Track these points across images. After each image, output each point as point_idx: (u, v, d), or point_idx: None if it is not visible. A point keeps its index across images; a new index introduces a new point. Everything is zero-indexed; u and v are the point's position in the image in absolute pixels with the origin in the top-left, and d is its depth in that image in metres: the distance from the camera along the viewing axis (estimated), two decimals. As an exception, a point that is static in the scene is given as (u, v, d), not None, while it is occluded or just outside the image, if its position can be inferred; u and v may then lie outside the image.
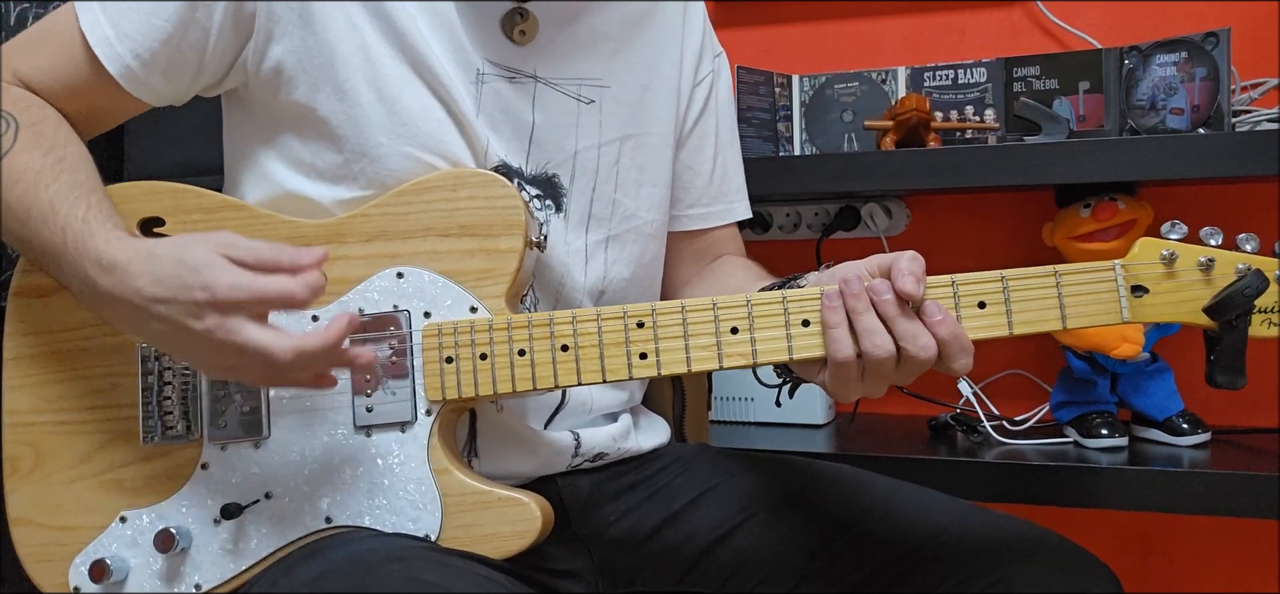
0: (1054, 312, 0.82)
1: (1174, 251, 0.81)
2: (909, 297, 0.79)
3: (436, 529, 0.86)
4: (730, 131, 1.16)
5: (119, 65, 0.90)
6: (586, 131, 1.00)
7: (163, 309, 0.79)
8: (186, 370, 0.91)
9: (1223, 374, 0.82)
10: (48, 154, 0.87)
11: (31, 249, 0.87)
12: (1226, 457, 1.32)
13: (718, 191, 1.14)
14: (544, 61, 0.97)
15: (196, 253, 0.79)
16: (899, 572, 0.91)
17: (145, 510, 0.90)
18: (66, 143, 0.89)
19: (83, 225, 0.83)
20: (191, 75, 0.93)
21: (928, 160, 1.30)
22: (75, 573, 0.90)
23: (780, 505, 0.99)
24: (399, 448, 0.88)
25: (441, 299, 0.89)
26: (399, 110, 0.91)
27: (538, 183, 0.97)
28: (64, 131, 0.90)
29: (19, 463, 0.93)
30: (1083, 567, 0.90)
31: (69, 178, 0.86)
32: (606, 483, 1.02)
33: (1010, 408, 1.52)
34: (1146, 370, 1.40)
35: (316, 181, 0.93)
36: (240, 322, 0.78)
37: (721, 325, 0.84)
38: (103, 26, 0.90)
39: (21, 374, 0.93)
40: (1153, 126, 1.37)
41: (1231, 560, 1.57)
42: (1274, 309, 0.81)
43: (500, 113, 0.95)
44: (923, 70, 1.52)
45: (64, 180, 0.86)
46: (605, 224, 1.01)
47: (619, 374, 0.85)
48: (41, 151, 0.87)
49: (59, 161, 0.87)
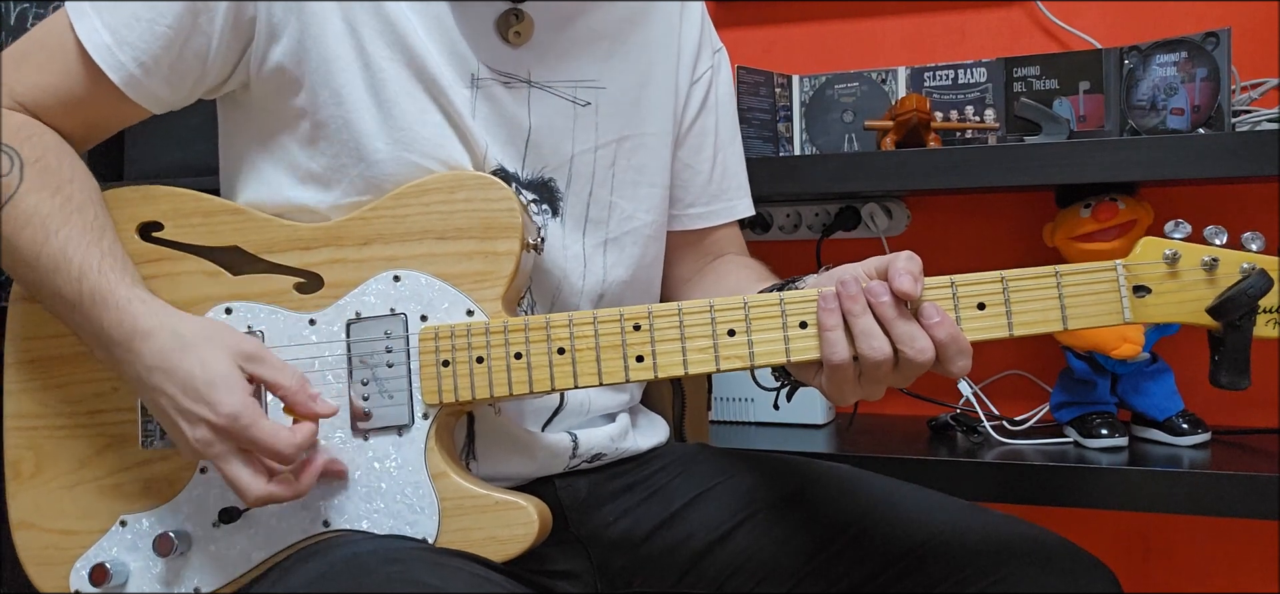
0: (1055, 312, 0.81)
1: (1177, 251, 0.80)
2: (906, 296, 0.78)
3: (434, 533, 0.86)
4: (731, 128, 1.15)
5: (122, 73, 0.89)
6: (583, 135, 0.99)
7: (165, 403, 0.83)
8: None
9: (1227, 375, 0.81)
10: (55, 195, 0.86)
11: (41, 294, 0.87)
12: (1226, 457, 1.32)
13: (718, 190, 1.13)
14: (539, 64, 0.97)
15: (216, 364, 0.83)
16: (898, 572, 0.91)
17: (145, 514, 0.91)
18: (71, 177, 0.88)
19: (99, 277, 0.84)
20: (194, 80, 0.92)
21: (928, 160, 1.30)
22: (76, 577, 0.90)
23: (779, 506, 0.99)
24: (396, 451, 0.88)
25: (438, 302, 0.89)
26: (396, 115, 0.91)
27: (534, 187, 0.97)
28: (68, 163, 0.89)
29: (20, 467, 0.93)
30: (1082, 567, 0.90)
31: (78, 219, 0.86)
32: (604, 484, 1.02)
33: (1010, 408, 1.52)
34: (1146, 370, 1.40)
35: (314, 185, 0.93)
36: (228, 450, 0.82)
37: (718, 327, 0.83)
38: (101, 34, 0.88)
39: (23, 378, 0.94)
40: (1153, 127, 1.37)
41: (1231, 561, 1.57)
42: (1278, 309, 0.80)
43: (496, 118, 0.95)
44: (923, 70, 1.52)
45: (73, 223, 0.86)
46: (603, 227, 1.01)
47: (615, 377, 0.85)
48: (49, 192, 0.86)
49: (67, 202, 0.86)
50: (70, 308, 0.85)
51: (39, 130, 0.89)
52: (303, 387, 0.86)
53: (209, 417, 0.81)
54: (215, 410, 0.81)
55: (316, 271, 0.90)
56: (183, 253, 0.92)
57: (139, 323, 0.83)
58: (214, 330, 0.85)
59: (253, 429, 0.81)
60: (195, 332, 0.84)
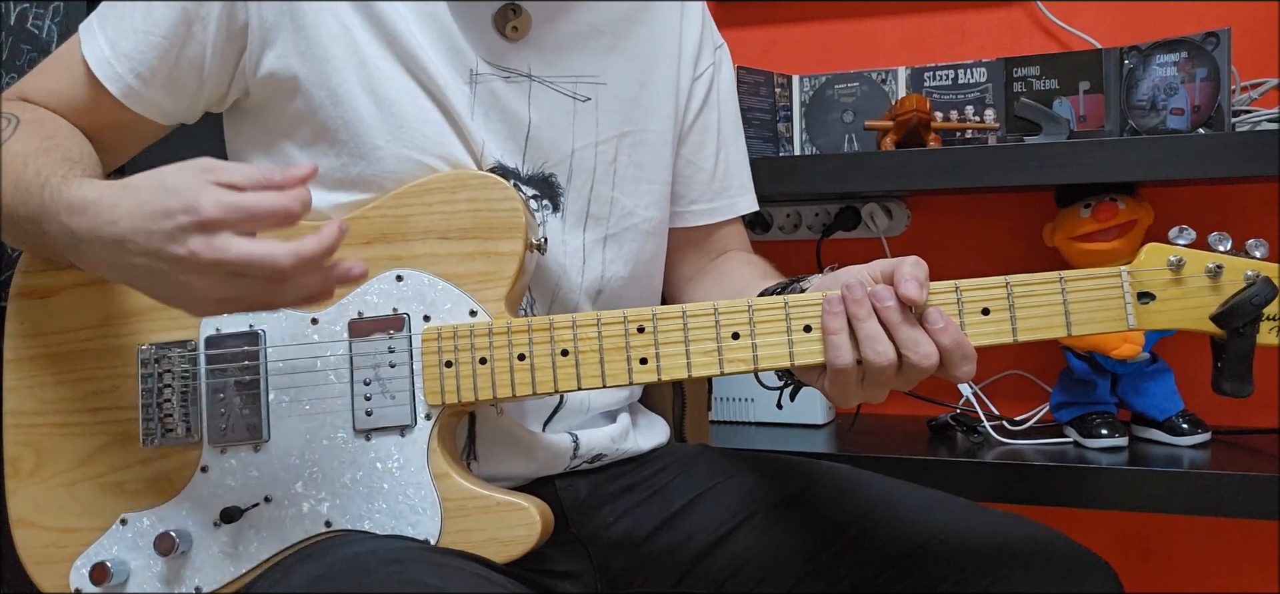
0: (1059, 318, 0.81)
1: (1182, 257, 0.80)
2: (912, 302, 0.78)
3: (436, 533, 0.86)
4: (733, 125, 1.15)
5: (120, 85, 0.91)
6: (583, 130, 0.99)
7: (143, 240, 0.74)
8: (187, 373, 0.91)
9: (1229, 382, 0.80)
10: (44, 140, 0.86)
11: (19, 227, 0.84)
12: (1226, 457, 1.32)
13: (721, 187, 1.13)
14: (538, 59, 0.97)
15: (177, 177, 0.74)
16: (898, 572, 0.91)
17: (145, 513, 0.90)
18: (70, 136, 0.89)
19: (61, 181, 0.80)
20: (194, 90, 0.93)
21: (928, 160, 1.30)
22: (76, 575, 0.90)
23: (779, 506, 0.99)
24: (398, 452, 0.88)
25: (441, 302, 0.88)
26: (395, 113, 0.91)
27: (534, 183, 0.97)
28: (66, 127, 0.90)
29: (20, 465, 0.93)
30: (1083, 566, 0.90)
31: (58, 154, 0.84)
32: (604, 484, 1.02)
33: (1010, 408, 1.52)
34: (1146, 371, 1.40)
35: (315, 187, 0.92)
36: (228, 239, 0.72)
37: (722, 330, 0.83)
38: (102, 48, 0.91)
39: (22, 376, 0.94)
40: (1153, 127, 1.37)
41: (1231, 561, 1.57)
42: None
43: (496, 113, 0.95)
44: (923, 70, 1.52)
45: (55, 155, 0.84)
46: (603, 223, 1.01)
47: (619, 379, 0.85)
48: (37, 138, 0.86)
49: (54, 149, 0.85)
50: (38, 221, 0.80)
51: (45, 110, 0.91)
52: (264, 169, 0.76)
53: (192, 220, 0.72)
54: (197, 210, 0.72)
55: (318, 271, 0.90)
56: (184, 253, 0.92)
57: (88, 194, 0.77)
58: (160, 171, 0.77)
59: (242, 201, 0.72)
60: (147, 174, 0.76)
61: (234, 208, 0.72)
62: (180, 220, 0.72)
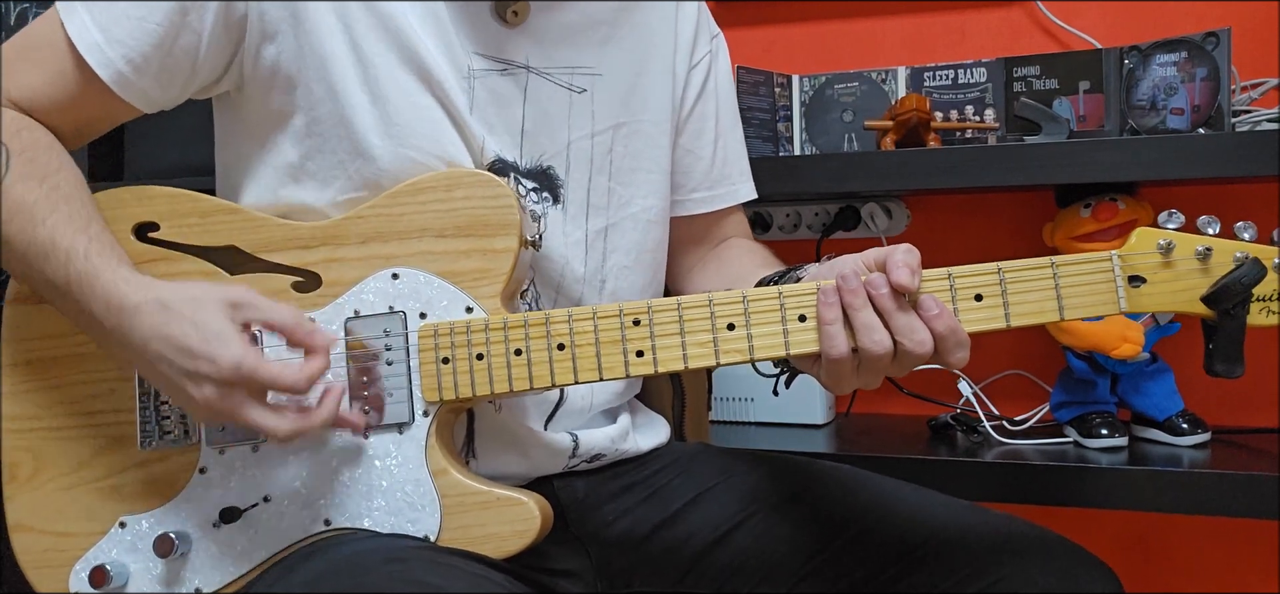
0: (1051, 302, 0.81)
1: (1171, 241, 0.81)
2: (904, 289, 0.79)
3: (435, 530, 0.86)
4: (731, 113, 1.16)
5: (111, 71, 0.89)
6: (579, 122, 0.99)
7: (164, 367, 0.81)
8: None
9: (1221, 363, 0.82)
10: (41, 184, 0.86)
11: (34, 283, 0.87)
12: (1226, 457, 1.31)
13: (720, 174, 1.13)
14: (536, 50, 0.97)
15: (208, 315, 0.81)
16: (898, 571, 0.91)
17: (144, 515, 0.90)
18: (59, 169, 0.88)
19: (86, 262, 0.84)
20: (185, 79, 0.92)
21: (928, 160, 1.30)
22: (75, 579, 0.90)
23: (779, 505, 0.99)
24: (397, 449, 0.87)
25: (437, 300, 0.88)
26: (393, 111, 0.91)
27: (534, 176, 0.97)
28: (56, 156, 0.89)
29: (18, 469, 0.93)
30: (1083, 566, 0.90)
31: (65, 209, 0.86)
32: (603, 484, 1.02)
33: (1010, 408, 1.51)
34: (1146, 370, 1.40)
35: (311, 183, 0.93)
36: (241, 399, 0.80)
37: (718, 322, 0.84)
38: (92, 33, 0.88)
39: (19, 380, 0.93)
40: (1153, 127, 1.37)
41: (1231, 561, 1.57)
42: (1273, 297, 0.80)
43: (493, 107, 0.95)
44: (923, 70, 1.52)
45: (60, 211, 0.85)
46: (603, 213, 1.01)
47: (616, 372, 0.85)
48: (35, 182, 0.86)
49: (53, 191, 0.86)
50: (61, 294, 0.85)
51: (28, 125, 0.89)
52: (299, 319, 0.85)
53: (211, 373, 0.79)
54: (216, 365, 0.79)
55: (314, 270, 0.90)
56: (180, 253, 0.92)
57: (125, 300, 0.82)
58: (199, 290, 0.83)
59: (259, 371, 0.80)
60: (181, 295, 0.82)
61: (251, 377, 0.80)
62: (201, 366, 0.80)
